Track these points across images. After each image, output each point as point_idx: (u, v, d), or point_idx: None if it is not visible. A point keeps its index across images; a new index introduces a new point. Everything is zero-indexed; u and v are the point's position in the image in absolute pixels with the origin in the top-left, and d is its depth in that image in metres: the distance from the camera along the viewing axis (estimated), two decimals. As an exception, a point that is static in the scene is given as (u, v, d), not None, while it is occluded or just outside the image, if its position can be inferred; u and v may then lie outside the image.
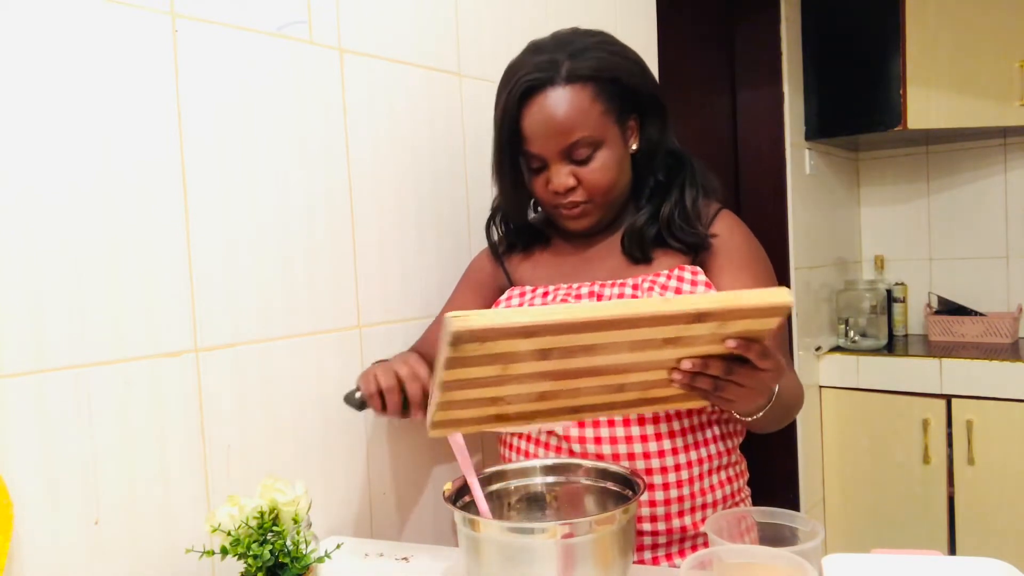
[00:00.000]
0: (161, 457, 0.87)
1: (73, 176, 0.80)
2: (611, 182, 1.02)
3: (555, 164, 1.01)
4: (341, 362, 1.09)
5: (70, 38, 0.80)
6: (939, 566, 0.76)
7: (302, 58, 1.04)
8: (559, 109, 0.98)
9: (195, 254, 0.91)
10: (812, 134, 2.57)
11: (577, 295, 1.04)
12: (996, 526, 2.24)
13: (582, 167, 1.01)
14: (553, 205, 1.05)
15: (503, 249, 1.17)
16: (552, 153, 1.00)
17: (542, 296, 1.06)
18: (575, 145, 0.99)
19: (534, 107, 0.99)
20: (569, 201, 1.03)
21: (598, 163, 1.01)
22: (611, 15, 1.64)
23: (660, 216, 1.04)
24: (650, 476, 0.97)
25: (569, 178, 1.01)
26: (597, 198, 1.03)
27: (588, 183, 1.01)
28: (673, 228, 1.04)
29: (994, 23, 2.34)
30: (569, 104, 0.98)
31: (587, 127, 0.99)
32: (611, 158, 1.01)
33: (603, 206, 1.05)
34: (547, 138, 0.99)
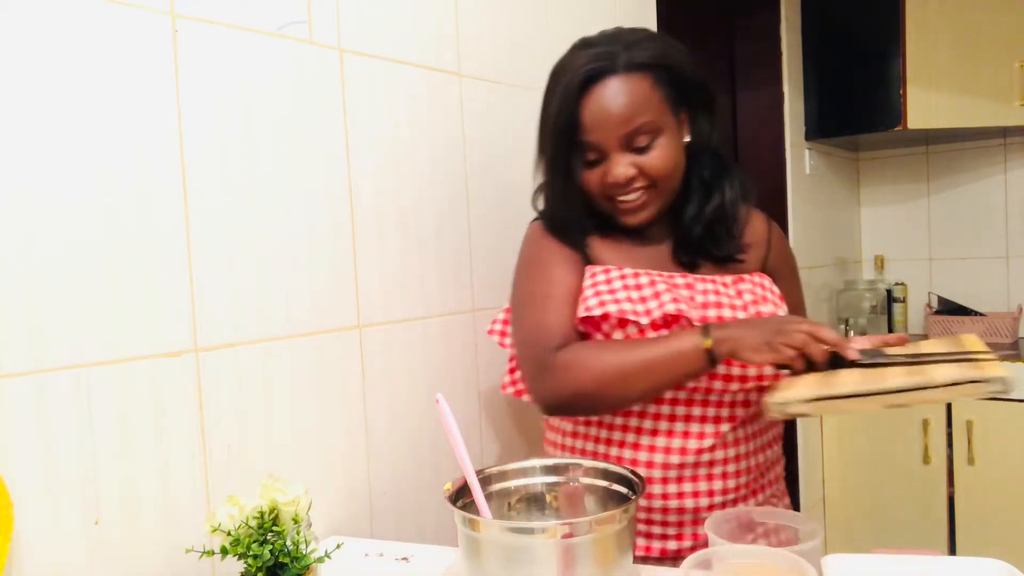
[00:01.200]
0: (161, 457, 0.87)
1: (73, 176, 0.80)
2: (672, 169, 1.01)
3: (615, 153, 0.99)
4: (341, 362, 1.09)
5: (70, 38, 0.80)
6: (939, 566, 0.76)
7: (302, 58, 1.04)
8: (620, 96, 0.98)
9: (195, 254, 0.91)
10: (812, 134, 2.57)
11: (675, 285, 1.01)
12: (996, 526, 2.24)
13: (642, 155, 1.00)
14: (609, 198, 1.03)
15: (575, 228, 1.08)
16: (613, 142, 0.99)
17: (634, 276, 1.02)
18: (636, 132, 0.98)
19: (594, 96, 0.98)
20: (631, 189, 1.01)
21: (659, 150, 1.00)
22: (611, 15, 1.64)
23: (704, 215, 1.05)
24: (725, 465, 1.00)
25: (630, 168, 0.99)
26: (660, 184, 1.01)
27: (650, 170, 1.00)
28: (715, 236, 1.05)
29: (994, 23, 2.34)
30: (630, 91, 0.98)
31: (648, 114, 0.99)
32: (671, 146, 1.01)
33: (663, 195, 1.03)
34: (608, 126, 0.98)
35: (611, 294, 0.99)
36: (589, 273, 1.04)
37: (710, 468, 1.00)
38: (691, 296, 1.00)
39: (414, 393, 1.21)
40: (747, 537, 0.84)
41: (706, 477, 1.00)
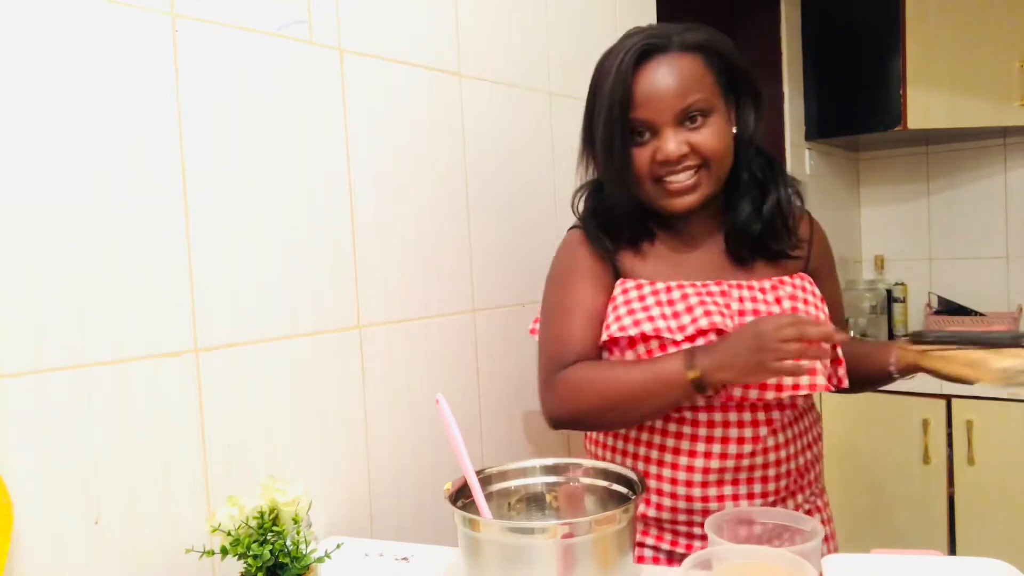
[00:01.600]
0: (161, 457, 0.87)
1: (73, 176, 0.80)
2: (724, 150, 1.01)
3: (667, 129, 0.99)
4: (341, 362, 1.09)
5: (70, 38, 0.80)
6: (939, 566, 0.76)
7: (302, 58, 1.04)
8: (674, 73, 0.98)
9: (195, 254, 0.91)
10: (812, 134, 2.57)
11: (708, 292, 1.01)
12: (996, 526, 2.24)
13: (695, 133, 0.99)
14: (658, 178, 1.01)
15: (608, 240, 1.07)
16: (666, 117, 0.98)
17: (666, 292, 1.01)
18: (688, 109, 0.98)
19: (647, 72, 0.99)
20: (682, 168, 0.99)
21: (711, 129, 0.99)
22: (611, 15, 1.64)
23: (763, 215, 1.04)
24: (765, 469, 1.00)
25: (683, 144, 0.98)
26: (712, 165, 1.00)
27: (702, 148, 0.99)
28: (774, 232, 1.04)
29: (994, 23, 2.34)
30: (683, 68, 0.99)
31: (701, 92, 0.99)
32: (722, 128, 1.01)
33: (713, 179, 1.01)
34: (663, 99, 0.98)
35: (644, 311, 0.99)
36: (621, 288, 1.04)
37: (751, 472, 1.00)
38: (727, 303, 1.00)
39: (414, 393, 1.21)
40: (747, 537, 0.84)
41: (747, 481, 1.00)
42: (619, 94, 0.99)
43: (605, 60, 1.03)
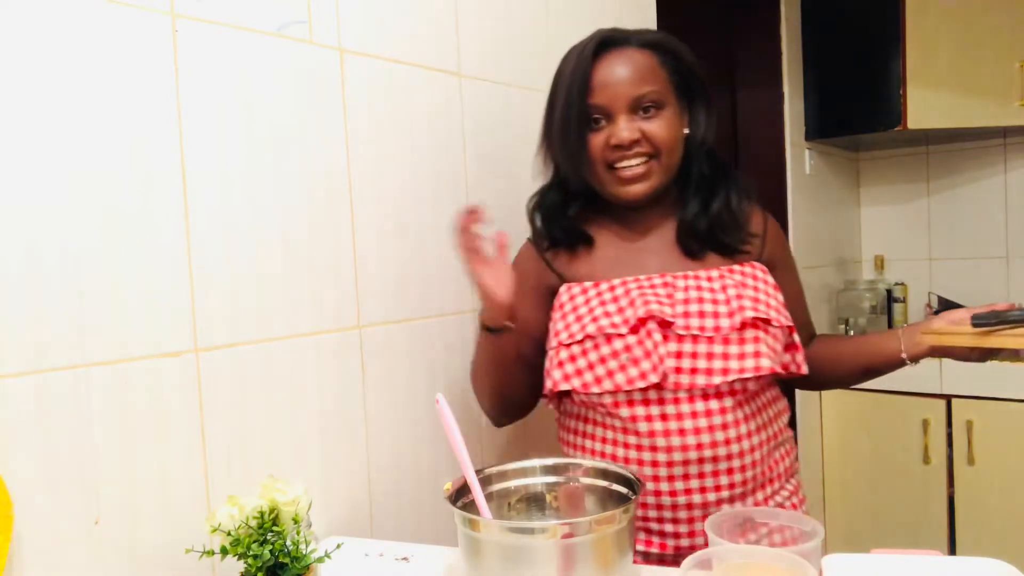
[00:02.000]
0: (161, 457, 0.87)
1: (73, 176, 0.80)
2: (674, 143, 1.06)
3: (621, 116, 1.04)
4: (341, 362, 1.09)
5: (70, 38, 0.80)
6: (939, 566, 0.76)
7: (302, 58, 1.04)
8: (631, 63, 1.04)
9: (195, 254, 0.91)
10: (812, 134, 2.57)
11: (651, 285, 1.05)
12: (996, 526, 2.24)
13: (647, 123, 1.04)
14: (611, 163, 1.06)
15: (546, 246, 1.15)
16: (620, 104, 1.03)
17: (610, 290, 1.06)
18: (643, 98, 1.04)
19: (607, 59, 1.05)
20: (633, 153, 1.04)
21: (663, 121, 1.05)
22: (611, 15, 1.64)
23: (710, 211, 1.09)
24: (729, 461, 1.01)
25: (635, 131, 1.03)
26: (662, 155, 1.05)
27: (653, 137, 1.04)
28: (723, 226, 1.09)
29: (994, 23, 2.34)
30: (639, 61, 1.05)
31: (656, 84, 1.05)
32: (673, 122, 1.06)
33: (664, 168, 1.06)
34: (618, 87, 1.03)
35: (589, 312, 1.04)
36: (568, 295, 1.09)
37: (715, 464, 1.00)
38: (669, 294, 1.04)
39: (414, 393, 1.21)
40: (747, 537, 0.84)
41: (712, 474, 1.01)
42: (578, 81, 1.04)
43: (568, 54, 1.09)
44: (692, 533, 1.03)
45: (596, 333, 1.01)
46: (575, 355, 1.03)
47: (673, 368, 0.99)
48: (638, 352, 1.00)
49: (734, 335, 0.99)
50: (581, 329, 1.02)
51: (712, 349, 0.99)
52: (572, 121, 1.05)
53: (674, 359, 1.00)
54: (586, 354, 1.02)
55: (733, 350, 0.99)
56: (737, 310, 1.00)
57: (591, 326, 1.02)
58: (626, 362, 1.00)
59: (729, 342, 0.99)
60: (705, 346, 0.99)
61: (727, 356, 0.99)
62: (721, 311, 1.01)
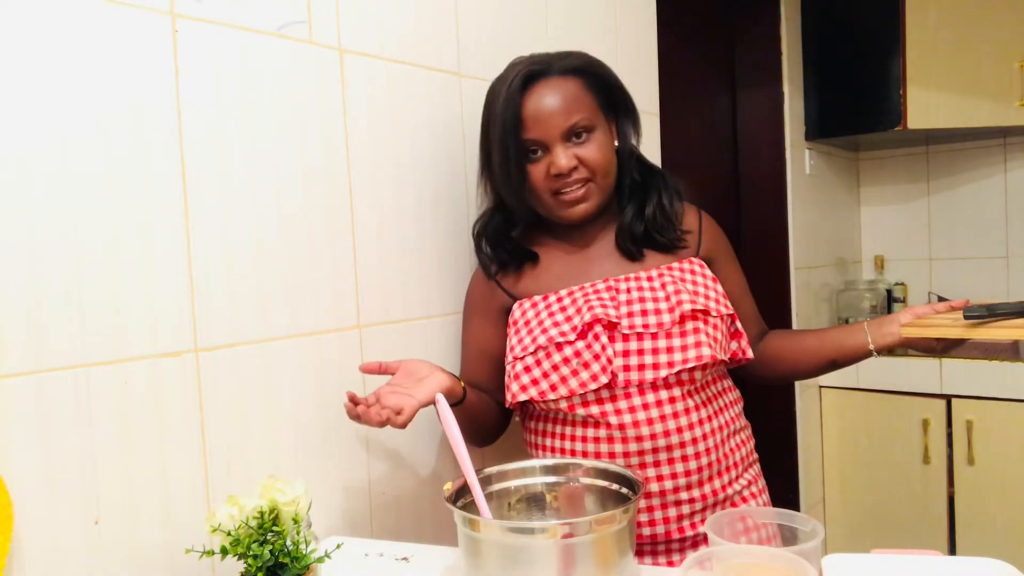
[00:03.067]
0: (161, 457, 0.87)
1: (73, 176, 0.80)
2: (608, 163, 1.11)
3: (557, 146, 1.08)
4: (341, 362, 1.09)
5: (70, 38, 0.80)
6: (939, 566, 0.76)
7: (302, 58, 1.04)
8: (558, 93, 1.08)
9: (195, 254, 0.91)
10: (812, 134, 2.57)
11: (595, 290, 1.10)
12: (996, 526, 2.24)
13: (581, 148, 1.08)
14: (554, 191, 1.10)
15: (495, 270, 1.19)
16: (554, 135, 1.07)
17: (557, 301, 1.11)
18: (575, 127, 1.07)
19: (535, 93, 1.08)
20: (573, 179, 1.08)
21: (595, 144, 1.09)
22: (611, 15, 1.64)
23: (645, 215, 1.14)
24: (683, 448, 1.05)
25: (572, 159, 1.08)
26: (598, 177, 1.10)
27: (589, 161, 1.08)
28: (658, 227, 1.14)
29: (994, 23, 2.34)
30: (566, 90, 1.08)
31: (583, 111, 1.08)
32: (604, 142, 1.11)
33: (601, 188, 1.11)
34: (550, 119, 1.07)
35: (539, 324, 1.09)
36: (520, 311, 1.13)
37: (669, 452, 1.05)
38: (613, 297, 1.08)
39: (414, 393, 1.21)
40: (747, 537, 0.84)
41: (667, 462, 1.05)
42: (510, 117, 1.07)
43: (494, 87, 1.12)
44: (652, 522, 1.07)
45: (547, 343, 1.06)
46: (529, 366, 1.08)
47: (622, 366, 1.04)
48: (587, 356, 1.05)
49: (676, 329, 1.05)
50: (532, 341, 1.08)
51: (656, 344, 1.04)
52: (511, 156, 1.08)
53: (622, 358, 1.05)
54: (539, 364, 1.07)
55: (676, 343, 1.04)
56: (676, 305, 1.05)
57: (541, 337, 1.07)
58: (577, 367, 1.05)
59: (672, 336, 1.05)
60: (650, 342, 1.04)
61: (671, 349, 1.04)
62: (662, 307, 1.06)
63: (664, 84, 1.80)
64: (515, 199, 1.13)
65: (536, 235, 1.20)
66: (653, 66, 1.77)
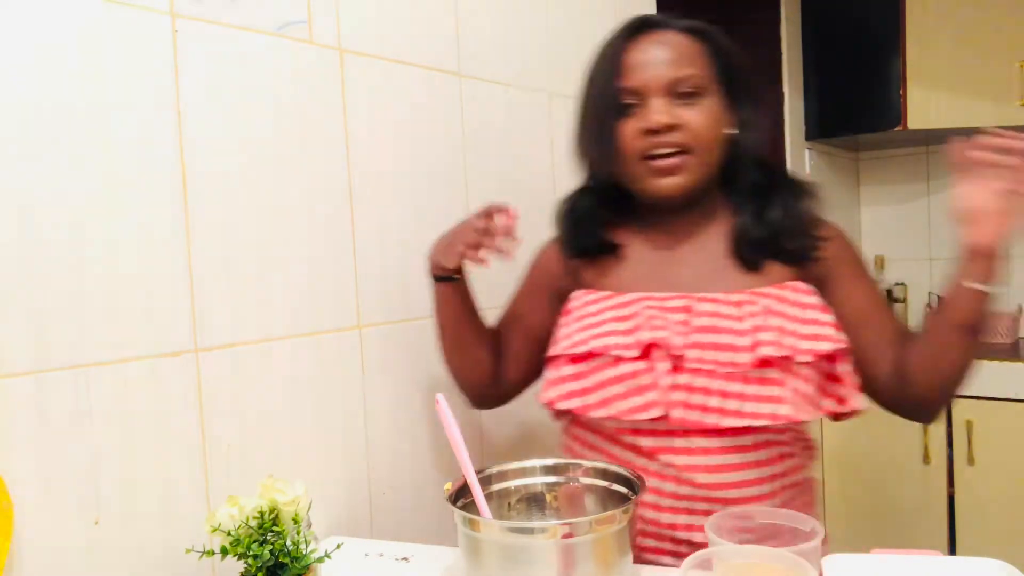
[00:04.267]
0: (161, 457, 0.87)
1: (73, 176, 0.80)
2: (714, 137, 0.94)
3: (655, 99, 0.93)
4: (341, 362, 1.09)
5: (70, 38, 0.80)
6: (939, 566, 0.76)
7: (302, 58, 1.04)
8: (669, 45, 0.94)
9: (195, 254, 0.91)
10: (812, 134, 2.57)
11: (668, 309, 0.94)
12: (996, 526, 2.24)
13: (686, 110, 0.93)
14: (643, 154, 0.94)
15: (572, 253, 1.06)
16: (656, 85, 0.93)
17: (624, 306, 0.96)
18: (681, 81, 0.93)
19: (642, 42, 0.95)
20: (667, 141, 0.92)
21: (705, 110, 0.93)
22: (611, 15, 1.64)
23: (767, 219, 0.96)
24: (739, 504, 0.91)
25: (670, 116, 0.92)
26: (699, 149, 0.93)
27: (692, 126, 0.92)
28: (785, 230, 0.96)
29: (994, 23, 2.34)
30: (681, 44, 0.95)
31: (697, 68, 0.94)
32: (715, 113, 0.95)
33: (701, 165, 0.94)
34: (653, 67, 0.93)
35: (599, 325, 0.95)
36: (578, 300, 1.00)
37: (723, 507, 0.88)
38: (685, 320, 0.92)
39: (414, 393, 1.21)
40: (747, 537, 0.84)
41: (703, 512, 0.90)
42: (608, 63, 0.95)
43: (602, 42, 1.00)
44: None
45: (602, 350, 0.92)
46: (580, 373, 0.94)
47: (682, 403, 0.90)
48: (645, 380, 0.91)
49: (754, 373, 0.88)
50: (585, 341, 0.94)
51: (728, 387, 0.88)
52: (601, 107, 0.95)
53: (684, 392, 0.90)
54: (591, 373, 0.94)
55: (751, 390, 0.88)
56: (755, 345, 0.89)
57: (596, 342, 0.93)
58: (631, 389, 0.91)
59: (749, 380, 0.88)
60: (720, 383, 0.89)
61: (743, 397, 0.88)
62: (740, 344, 0.89)
63: (664, 84, 1.79)
64: (600, 159, 0.98)
65: (624, 225, 1.04)
66: (653, 66, 1.77)
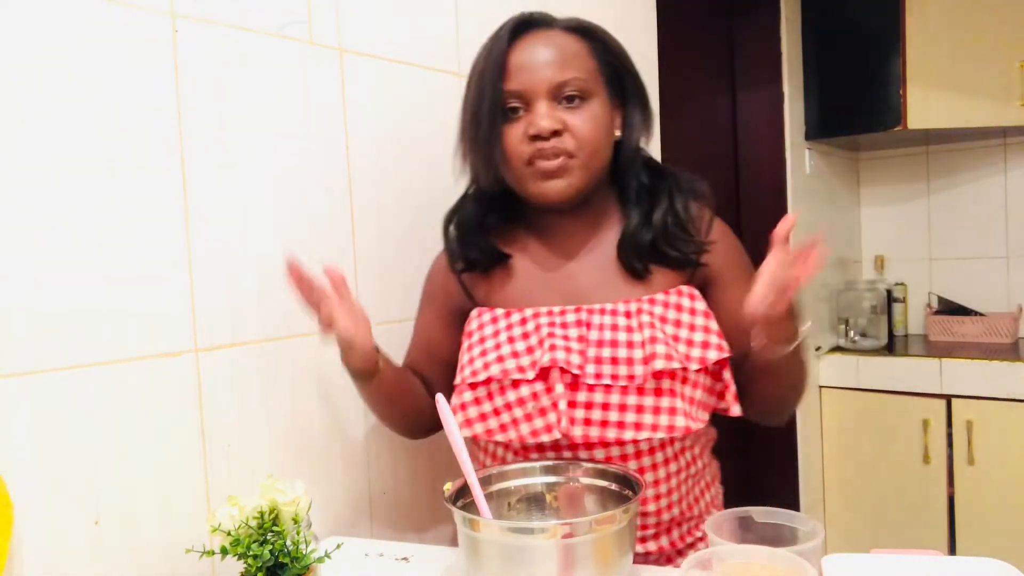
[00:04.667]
0: (161, 457, 0.87)
1: (73, 176, 0.80)
2: (599, 139, 0.92)
3: (540, 102, 0.91)
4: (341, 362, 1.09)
5: (70, 38, 0.80)
6: (939, 566, 0.76)
7: (302, 58, 1.04)
8: (554, 46, 0.92)
9: (195, 254, 0.91)
10: (812, 134, 2.57)
11: (563, 324, 0.93)
12: (996, 526, 2.24)
13: (571, 114, 0.91)
14: (528, 159, 0.92)
15: (460, 267, 1.04)
16: (540, 88, 0.90)
17: (520, 324, 0.95)
18: (566, 85, 0.91)
19: (529, 39, 0.93)
20: (551, 147, 0.90)
21: (589, 114, 0.91)
22: (611, 15, 1.64)
23: (653, 222, 0.96)
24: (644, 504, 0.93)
25: (555, 121, 0.90)
26: (583, 153, 0.91)
27: (576, 131, 0.90)
28: (668, 236, 0.96)
29: (994, 23, 2.34)
30: (565, 44, 0.93)
31: (582, 71, 0.92)
32: (601, 115, 0.93)
33: (584, 169, 0.93)
34: (537, 70, 0.90)
35: (496, 349, 0.94)
36: (477, 323, 0.98)
37: None
38: (582, 337, 0.92)
39: (414, 393, 1.21)
40: (747, 537, 0.84)
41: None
42: (492, 64, 0.91)
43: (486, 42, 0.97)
44: None
45: (500, 376, 0.91)
46: (480, 398, 0.93)
47: (582, 420, 0.89)
48: (545, 402, 0.90)
49: (650, 384, 0.88)
50: (485, 367, 0.92)
51: (625, 400, 0.88)
52: (485, 110, 0.91)
53: (583, 410, 0.89)
54: (491, 398, 0.92)
55: (648, 402, 0.88)
56: (650, 357, 0.88)
57: (496, 367, 0.92)
58: (532, 411, 0.90)
59: (644, 392, 0.88)
60: (617, 396, 0.88)
61: (640, 409, 0.88)
62: (635, 356, 0.88)
63: (664, 84, 1.80)
64: (484, 166, 0.95)
65: (514, 231, 1.03)
66: (653, 66, 1.77)
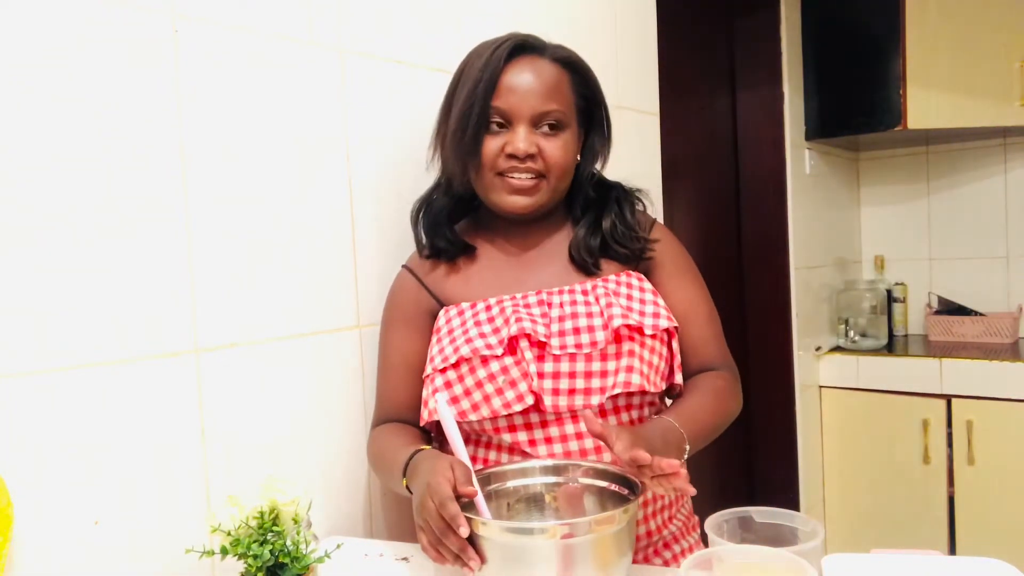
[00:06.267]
0: (161, 457, 0.87)
1: (73, 176, 0.80)
2: (567, 165, 1.03)
3: (522, 125, 0.99)
4: (341, 362, 1.09)
5: (70, 38, 0.80)
6: (939, 566, 0.76)
7: (302, 58, 1.04)
8: (543, 76, 1.00)
9: (195, 254, 0.91)
10: (812, 134, 2.57)
11: (526, 304, 1.00)
12: (996, 526, 2.24)
13: (547, 140, 1.00)
14: (501, 172, 1.00)
15: (424, 271, 1.08)
16: (524, 114, 0.99)
17: (485, 311, 1.00)
18: (548, 115, 1.00)
19: (521, 64, 1.00)
20: (525, 168, 1.00)
21: (562, 143, 1.01)
22: (611, 15, 1.64)
23: (602, 227, 1.05)
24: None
25: (532, 145, 0.99)
26: (552, 177, 1.01)
27: (549, 157, 1.00)
28: (616, 237, 1.05)
29: (994, 23, 2.34)
30: (554, 76, 1.01)
31: (563, 104, 1.01)
32: (571, 144, 1.03)
33: (551, 191, 1.02)
34: (526, 97, 0.99)
35: (464, 334, 0.98)
36: (445, 318, 1.02)
37: None
38: (544, 313, 0.98)
39: (414, 393, 1.21)
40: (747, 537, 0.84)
41: None
42: (486, 78, 0.99)
43: (478, 48, 1.03)
44: None
45: (471, 355, 0.95)
46: (451, 381, 0.97)
47: (551, 389, 0.94)
48: (515, 373, 0.94)
49: (611, 349, 0.95)
50: (455, 351, 0.96)
51: (590, 367, 0.95)
52: (471, 119, 0.99)
53: (551, 380, 0.94)
54: (462, 379, 0.96)
55: (611, 366, 0.95)
56: (609, 320, 0.95)
57: (465, 348, 0.96)
58: (503, 385, 0.94)
59: (607, 357, 0.95)
60: (583, 364, 0.94)
61: (604, 373, 0.95)
62: (596, 324, 0.96)
63: (664, 84, 1.80)
64: (459, 167, 1.02)
65: (478, 232, 1.09)
66: (653, 66, 1.77)
